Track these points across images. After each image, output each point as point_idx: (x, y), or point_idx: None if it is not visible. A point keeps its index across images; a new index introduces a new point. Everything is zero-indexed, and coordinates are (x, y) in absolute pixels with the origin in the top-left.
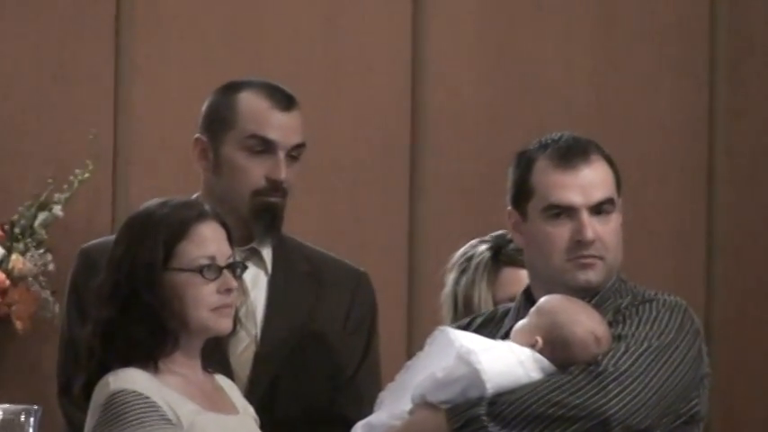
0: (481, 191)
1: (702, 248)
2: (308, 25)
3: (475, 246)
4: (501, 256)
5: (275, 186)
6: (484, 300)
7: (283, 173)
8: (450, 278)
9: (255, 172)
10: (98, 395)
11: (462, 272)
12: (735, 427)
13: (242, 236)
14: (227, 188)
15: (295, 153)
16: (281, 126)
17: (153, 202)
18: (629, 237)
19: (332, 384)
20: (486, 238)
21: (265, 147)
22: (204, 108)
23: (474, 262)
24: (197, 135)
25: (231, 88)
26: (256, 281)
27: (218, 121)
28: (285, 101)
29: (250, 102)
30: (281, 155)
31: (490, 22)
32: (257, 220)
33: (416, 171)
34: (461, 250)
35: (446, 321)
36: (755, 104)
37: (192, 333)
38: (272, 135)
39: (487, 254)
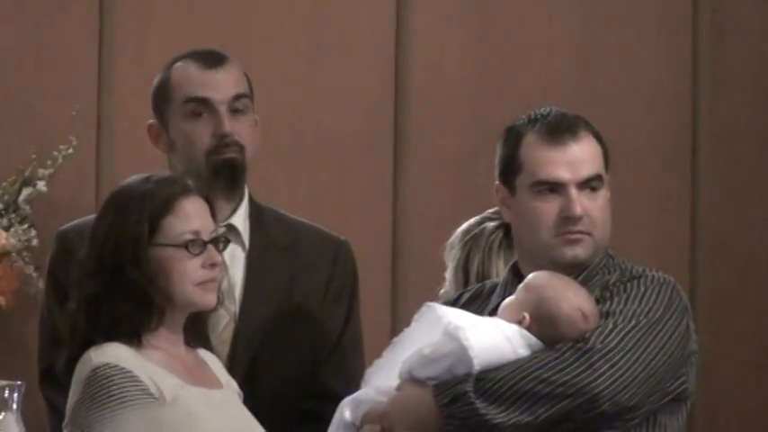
0: (464, 166)
1: (687, 224)
2: (291, 4)
3: (480, 223)
4: None
5: (223, 142)
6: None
7: (226, 125)
8: (456, 256)
9: (201, 133)
10: (80, 370)
11: (471, 250)
12: (717, 404)
13: (217, 210)
14: (183, 159)
15: (239, 105)
16: (211, 82)
17: (136, 177)
18: (614, 212)
19: (313, 357)
20: (490, 215)
21: (203, 106)
22: (151, 96)
23: (487, 240)
24: (149, 122)
25: (167, 67)
26: (234, 257)
27: (160, 100)
28: (212, 59)
29: (179, 71)
30: (222, 109)
31: (473, 2)
32: (216, 178)
33: (400, 146)
34: (464, 227)
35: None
36: (738, 77)
37: (177, 308)
38: (204, 93)
39: (500, 232)
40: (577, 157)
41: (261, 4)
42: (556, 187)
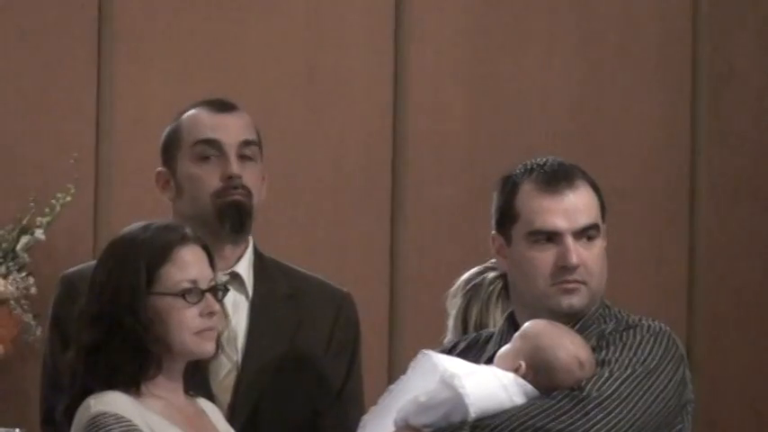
0: (462, 214)
1: (685, 273)
2: (289, 48)
3: (481, 273)
4: None
5: (231, 183)
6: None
7: (235, 167)
8: (457, 305)
9: (210, 175)
10: (79, 418)
11: (470, 299)
12: None
13: (221, 258)
14: (190, 203)
15: (248, 152)
16: (221, 125)
17: (135, 225)
18: (610, 262)
19: (314, 408)
20: (491, 265)
21: (212, 149)
22: (160, 148)
23: (485, 290)
24: (157, 170)
25: (177, 117)
26: (237, 306)
27: (170, 146)
28: (223, 105)
29: (190, 117)
30: (231, 153)
31: (472, 44)
32: (222, 221)
33: (398, 194)
34: (465, 277)
35: None
36: (737, 126)
37: (176, 356)
38: (214, 135)
39: (500, 282)
40: (574, 207)
41: (259, 51)
42: (552, 236)
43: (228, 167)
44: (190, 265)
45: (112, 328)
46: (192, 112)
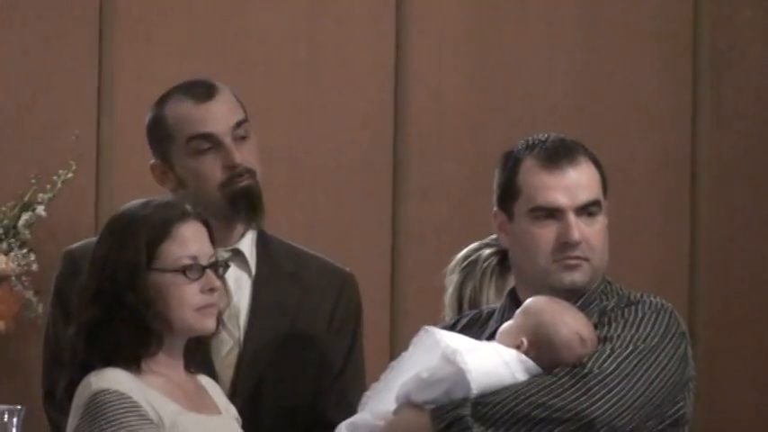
0: (464, 192)
1: (687, 251)
2: (290, 29)
3: (478, 249)
4: (508, 261)
5: (235, 172)
6: (492, 305)
7: (236, 157)
8: (454, 281)
9: (212, 168)
10: (80, 395)
11: (467, 276)
12: (717, 429)
13: (225, 236)
14: (196, 196)
15: (241, 132)
16: (209, 116)
17: (135, 202)
18: (612, 239)
19: (316, 387)
20: (489, 241)
21: (208, 142)
22: (147, 137)
23: (480, 266)
24: (151, 161)
25: (157, 104)
26: (240, 282)
27: (159, 140)
28: (204, 91)
29: (174, 109)
30: (227, 141)
31: (473, 24)
32: (234, 210)
33: (400, 172)
34: (463, 253)
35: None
36: (738, 104)
37: (176, 333)
38: (206, 128)
39: (494, 259)
40: (575, 183)
41: (259, 30)
42: (554, 213)
43: (229, 157)
44: (190, 241)
45: (113, 304)
46: (172, 102)
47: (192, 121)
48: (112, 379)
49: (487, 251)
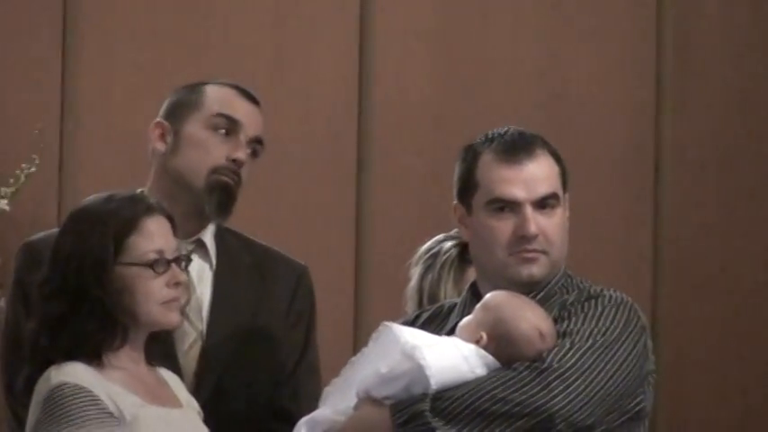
0: (427, 186)
1: (650, 244)
2: (255, 23)
3: (440, 242)
4: (467, 254)
5: (233, 167)
6: (450, 297)
7: (244, 154)
8: (416, 273)
9: (217, 150)
10: (40, 389)
11: (428, 268)
12: (679, 423)
13: (191, 228)
14: (184, 165)
15: (256, 147)
16: (247, 112)
17: (97, 196)
18: (575, 232)
19: (273, 379)
20: (452, 233)
21: (230, 127)
22: (166, 104)
23: (440, 259)
24: (157, 119)
25: (196, 83)
26: (202, 274)
27: (184, 104)
28: (250, 94)
29: (217, 89)
30: (243, 138)
31: (437, 17)
32: (211, 196)
33: (363, 164)
34: (426, 245)
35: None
36: (701, 95)
37: (141, 327)
38: (238, 116)
39: (454, 251)
40: (533, 176)
41: (222, 20)
42: (511, 206)
43: (238, 150)
44: (156, 235)
45: (78, 299)
46: (218, 86)
47: (229, 104)
48: (72, 373)
49: (449, 244)
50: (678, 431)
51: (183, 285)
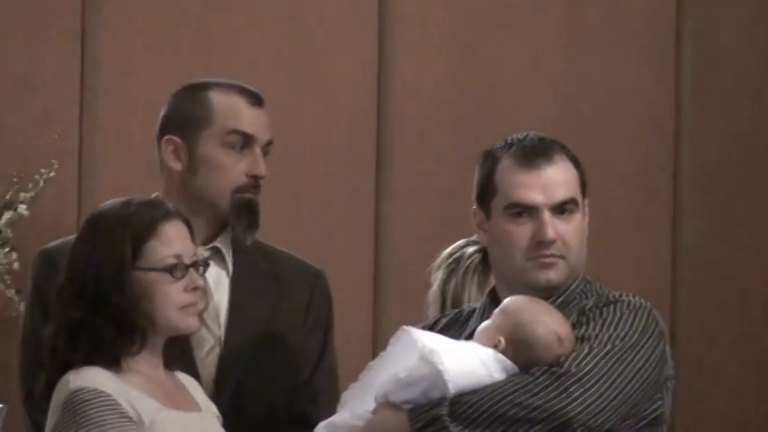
0: (446, 191)
1: (668, 250)
2: (274, 28)
3: (463, 247)
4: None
5: (256, 182)
6: (474, 302)
7: (263, 168)
8: (438, 278)
9: (236, 168)
10: (58, 394)
11: (451, 273)
12: (698, 429)
13: (208, 235)
14: (206, 186)
15: (267, 149)
16: (258, 121)
17: (114, 201)
18: (593, 238)
19: (292, 384)
20: (474, 239)
21: (245, 140)
22: (168, 110)
23: (464, 264)
24: (167, 136)
25: (196, 88)
26: (219, 281)
27: (192, 120)
28: (256, 97)
29: (224, 99)
30: (258, 150)
31: (456, 23)
32: (239, 217)
33: (382, 171)
34: (448, 250)
35: None
36: (721, 102)
37: (159, 332)
38: (251, 129)
39: (477, 256)
40: (551, 181)
41: (242, 26)
42: (529, 211)
43: (258, 166)
44: (174, 240)
45: (97, 304)
46: (223, 94)
47: (239, 117)
48: (91, 377)
49: (471, 248)
50: None
51: (201, 290)
